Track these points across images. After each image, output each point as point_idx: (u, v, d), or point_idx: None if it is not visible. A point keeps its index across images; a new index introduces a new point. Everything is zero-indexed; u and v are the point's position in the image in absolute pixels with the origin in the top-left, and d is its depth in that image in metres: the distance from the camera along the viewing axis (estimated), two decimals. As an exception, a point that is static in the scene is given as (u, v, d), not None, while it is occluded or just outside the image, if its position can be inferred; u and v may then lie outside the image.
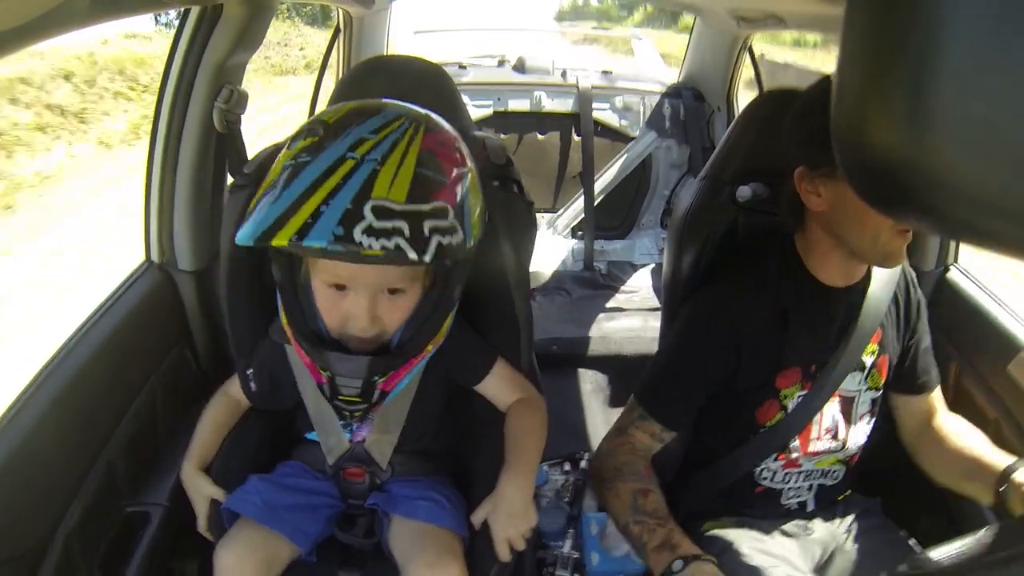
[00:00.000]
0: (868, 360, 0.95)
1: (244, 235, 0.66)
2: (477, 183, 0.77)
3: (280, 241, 0.63)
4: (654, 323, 1.89)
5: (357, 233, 0.62)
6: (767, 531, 0.99)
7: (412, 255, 0.63)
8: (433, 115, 0.79)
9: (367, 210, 0.63)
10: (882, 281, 0.93)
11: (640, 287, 2.16)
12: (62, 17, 0.59)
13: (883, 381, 0.97)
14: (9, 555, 0.77)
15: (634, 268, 2.24)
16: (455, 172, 0.72)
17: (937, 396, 1.02)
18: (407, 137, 0.70)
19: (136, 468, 0.99)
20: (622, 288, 2.15)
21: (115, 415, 0.95)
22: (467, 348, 0.92)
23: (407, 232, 0.63)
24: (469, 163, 0.77)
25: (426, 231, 0.64)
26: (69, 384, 0.88)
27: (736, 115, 1.93)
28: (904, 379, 1.00)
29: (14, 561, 0.77)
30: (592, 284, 2.16)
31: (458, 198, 0.70)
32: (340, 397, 0.79)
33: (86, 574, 0.88)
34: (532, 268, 1.12)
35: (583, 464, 1.35)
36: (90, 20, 0.66)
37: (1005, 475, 0.87)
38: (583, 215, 2.17)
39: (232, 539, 0.86)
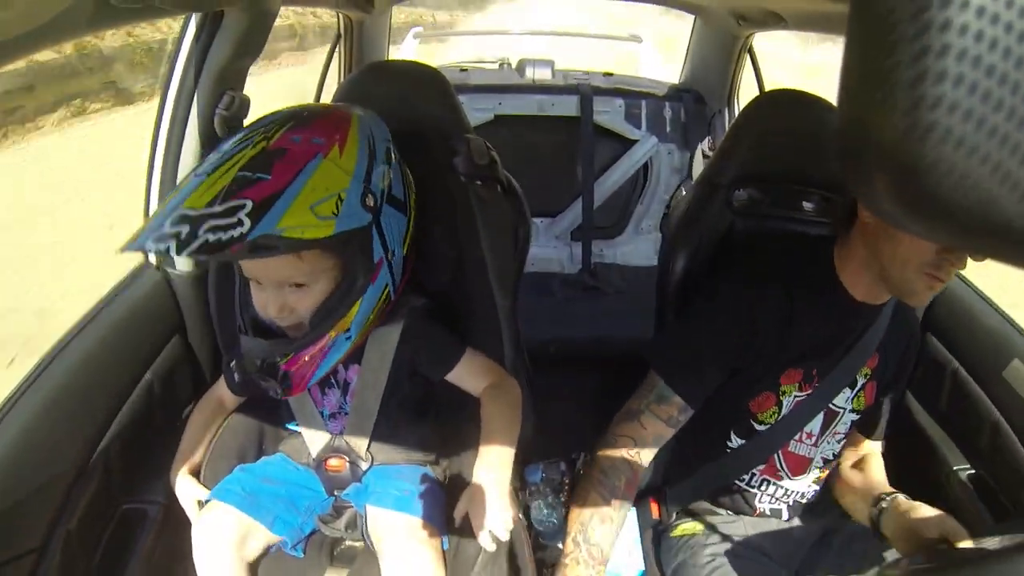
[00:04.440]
0: (860, 380, 0.95)
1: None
2: (352, 168, 0.78)
3: (122, 248, 0.70)
4: (649, 326, 1.90)
5: (148, 242, 0.68)
6: (737, 529, 1.00)
7: (173, 253, 0.67)
8: (329, 109, 0.83)
9: (168, 220, 0.68)
10: (889, 307, 0.93)
11: (635, 290, 2.15)
12: (63, 26, 0.60)
13: (866, 406, 0.97)
14: (9, 555, 0.77)
15: (629, 271, 2.23)
16: (293, 165, 0.73)
17: (877, 447, 1.05)
18: (256, 142, 0.75)
19: (133, 466, 0.99)
20: (615, 291, 2.14)
21: (111, 413, 0.96)
22: (432, 343, 0.94)
23: (184, 234, 0.67)
24: (340, 150, 0.77)
25: (200, 231, 0.67)
26: (65, 382, 0.89)
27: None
28: (865, 418, 1.00)
29: (14, 561, 0.78)
30: (580, 286, 2.15)
31: (273, 191, 0.71)
32: (255, 375, 0.84)
33: (85, 573, 0.89)
34: (525, 270, 1.13)
35: (579, 464, 1.35)
36: (91, 28, 0.67)
37: (877, 500, 0.91)
38: (582, 220, 2.17)
39: (207, 519, 0.89)
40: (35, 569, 0.81)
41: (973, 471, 1.07)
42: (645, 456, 0.91)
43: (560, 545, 1.23)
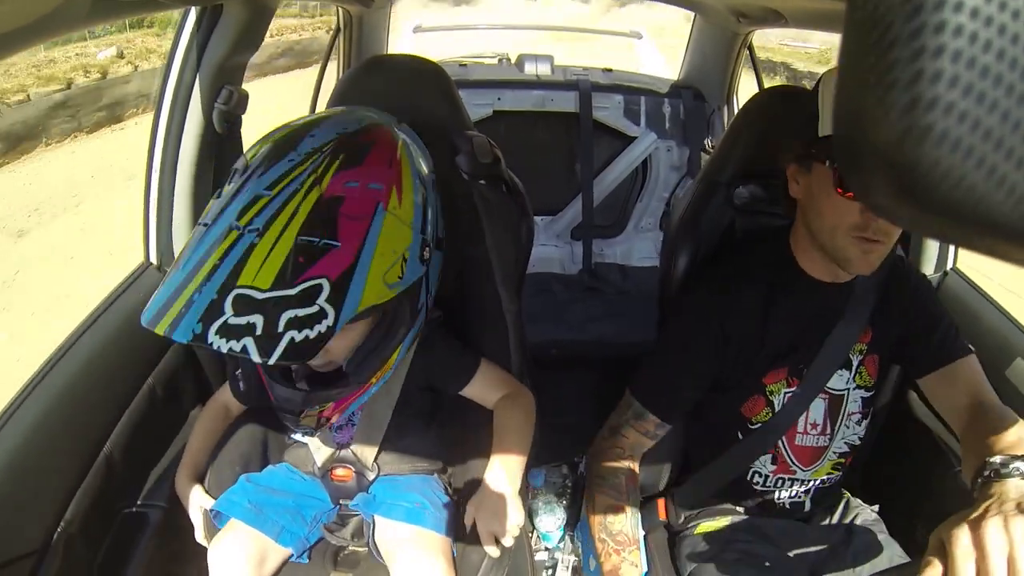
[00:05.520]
0: (855, 359, 0.95)
1: (143, 318, 0.63)
2: (411, 215, 0.71)
3: (160, 331, 0.61)
4: (650, 325, 1.91)
5: (211, 333, 0.59)
6: (761, 532, 1.00)
7: (256, 358, 0.58)
8: (372, 132, 0.76)
9: (228, 303, 0.60)
10: (870, 281, 0.92)
11: (636, 289, 2.15)
12: (62, 19, 0.59)
13: (873, 381, 0.97)
14: (9, 557, 0.77)
15: (630, 270, 2.23)
16: (360, 223, 0.66)
17: (973, 372, 0.90)
18: (306, 185, 0.66)
19: (135, 470, 0.99)
20: (616, 290, 2.14)
21: (113, 416, 0.95)
22: (448, 358, 0.93)
23: (259, 328, 0.59)
24: (399, 194, 0.71)
25: (280, 325, 0.59)
26: (67, 385, 0.88)
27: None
28: (921, 358, 0.93)
29: (14, 563, 0.77)
30: (579, 286, 2.14)
31: (348, 263, 0.64)
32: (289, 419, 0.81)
33: None
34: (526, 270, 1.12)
35: (582, 467, 1.36)
36: (90, 21, 0.66)
37: (980, 469, 0.70)
38: (582, 217, 2.17)
39: (224, 538, 0.88)
40: (35, 571, 0.80)
41: None
42: (634, 462, 0.96)
43: (562, 548, 1.24)
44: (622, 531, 0.92)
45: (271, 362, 0.59)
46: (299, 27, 9.16)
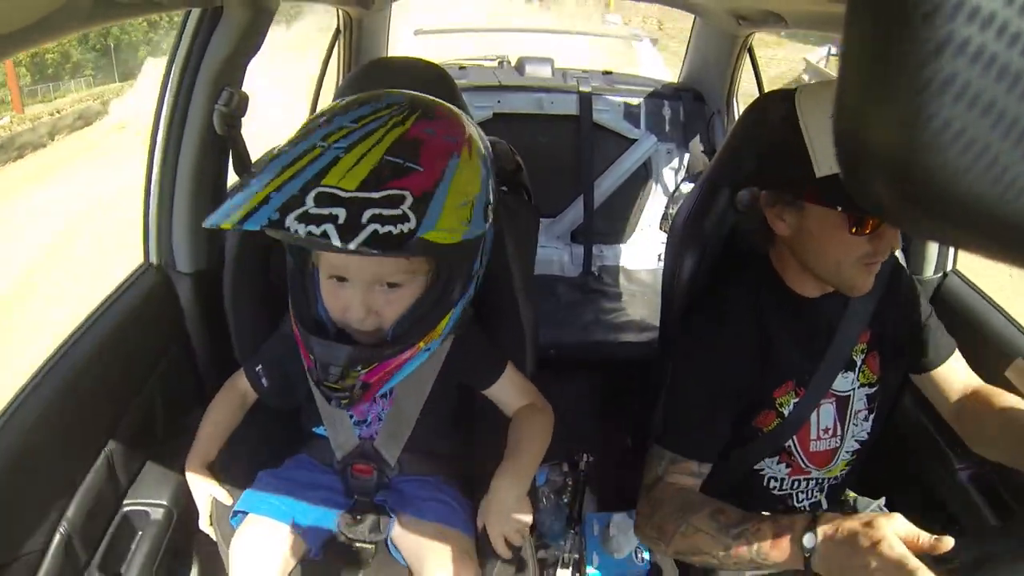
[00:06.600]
0: (858, 359, 0.95)
1: (207, 220, 0.65)
2: (479, 174, 0.74)
3: (226, 225, 0.62)
4: (651, 327, 1.89)
5: (290, 219, 0.60)
6: None
7: (336, 242, 0.59)
8: (442, 103, 0.78)
9: (310, 197, 0.61)
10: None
11: (636, 292, 2.15)
12: (62, 20, 0.59)
13: (876, 377, 0.97)
14: (10, 556, 0.77)
15: (630, 273, 2.23)
16: (439, 160, 0.69)
17: (961, 366, 0.97)
18: (389, 124, 0.69)
19: (135, 468, 0.99)
20: (616, 293, 2.14)
21: (113, 415, 0.96)
22: (480, 353, 0.93)
23: (342, 219, 0.60)
24: (469, 153, 0.74)
25: (364, 219, 0.61)
26: (67, 384, 0.88)
27: (736, 117, 1.93)
28: (917, 358, 0.98)
29: (16, 562, 0.77)
30: (582, 288, 2.14)
31: (429, 186, 0.66)
32: (324, 384, 0.78)
33: (86, 574, 0.88)
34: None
35: (582, 465, 1.36)
36: (90, 23, 0.66)
37: None
38: (582, 219, 2.17)
39: (248, 534, 0.86)
40: (36, 570, 0.80)
41: (975, 470, 1.07)
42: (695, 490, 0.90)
43: (563, 546, 1.24)
44: (744, 515, 0.78)
45: (352, 246, 0.59)
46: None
